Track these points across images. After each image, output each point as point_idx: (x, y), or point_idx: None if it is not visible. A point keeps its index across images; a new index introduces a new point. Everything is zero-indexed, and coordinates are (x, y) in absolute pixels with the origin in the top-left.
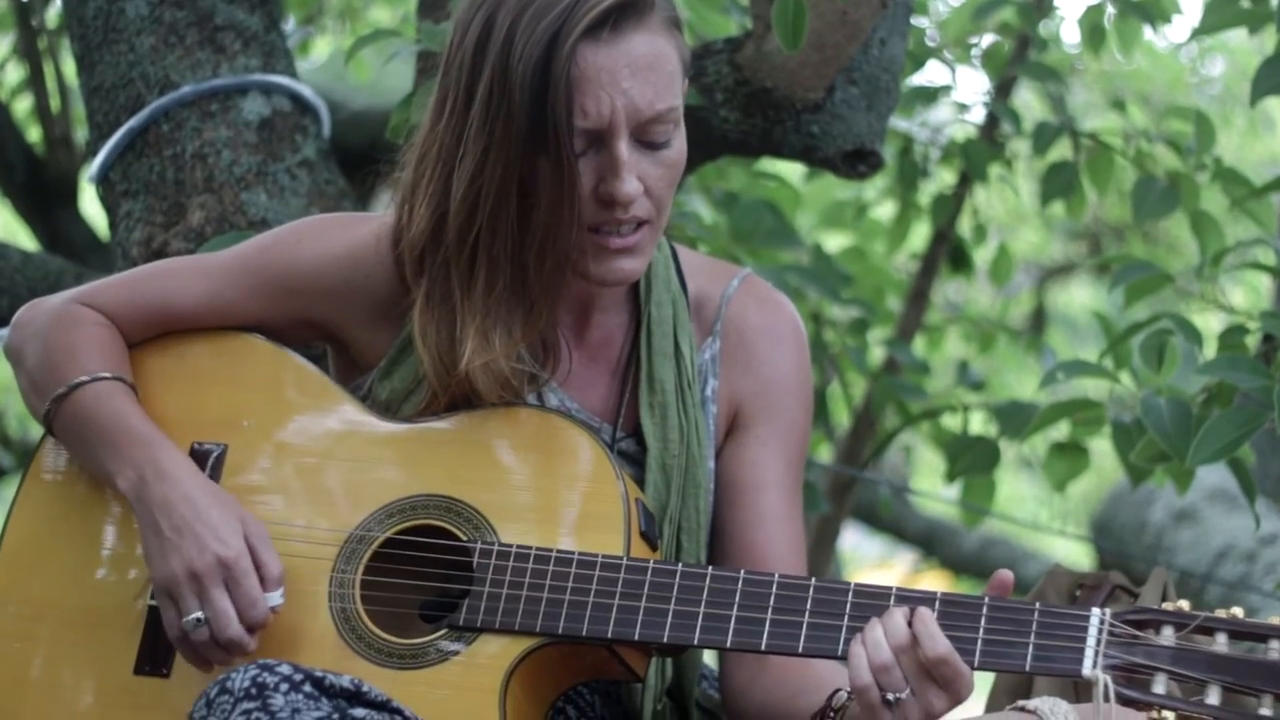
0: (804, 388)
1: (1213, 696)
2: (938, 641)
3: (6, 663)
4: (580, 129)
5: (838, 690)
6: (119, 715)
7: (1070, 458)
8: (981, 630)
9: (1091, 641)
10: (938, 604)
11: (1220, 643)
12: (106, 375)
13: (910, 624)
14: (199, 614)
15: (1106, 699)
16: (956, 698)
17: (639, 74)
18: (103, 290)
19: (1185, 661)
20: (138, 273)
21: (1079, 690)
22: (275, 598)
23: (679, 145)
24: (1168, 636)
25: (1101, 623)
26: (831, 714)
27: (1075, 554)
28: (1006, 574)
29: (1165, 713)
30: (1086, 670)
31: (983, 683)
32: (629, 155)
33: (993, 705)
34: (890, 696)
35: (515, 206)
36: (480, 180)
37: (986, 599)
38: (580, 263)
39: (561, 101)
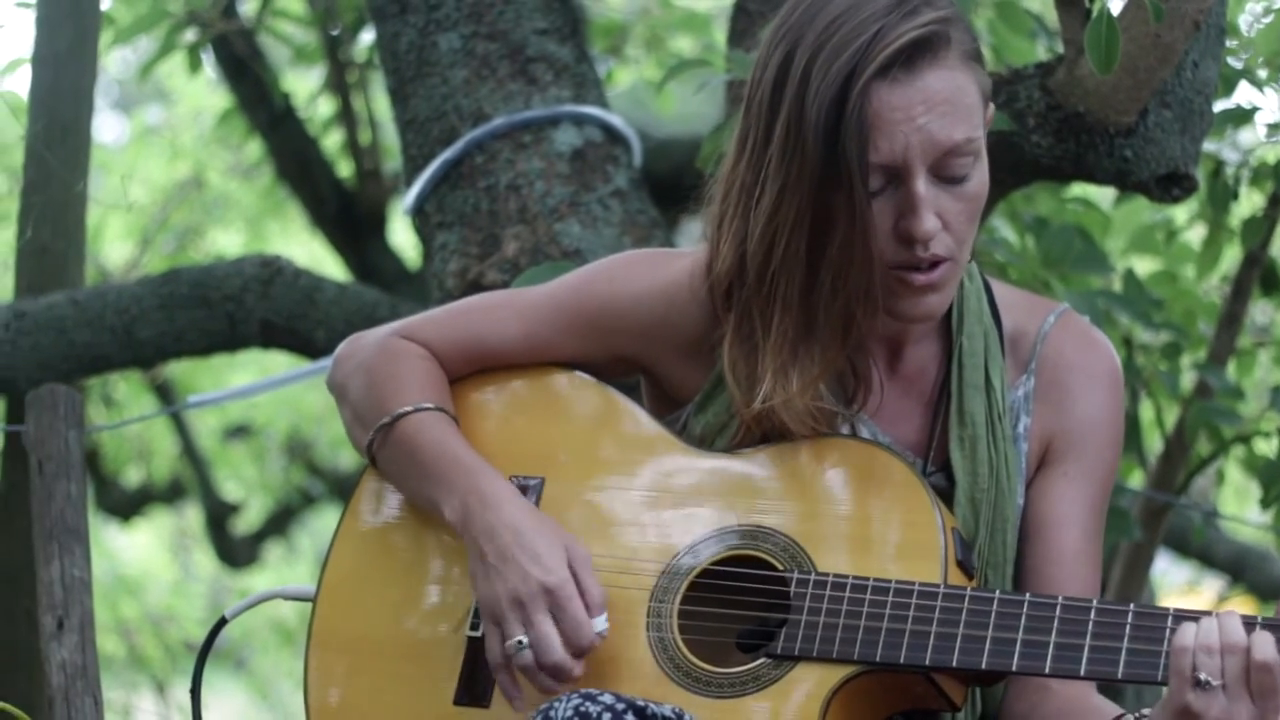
0: (1115, 429)
1: None
2: (1269, 650)
3: (329, 697)
4: (875, 165)
5: (1124, 714)
6: None
7: None
8: None
9: None
10: (1259, 625)
11: None
12: (430, 405)
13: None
14: (522, 637)
15: None
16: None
17: (934, 109)
18: (422, 325)
19: None
20: (454, 308)
21: None
22: (600, 623)
23: (979, 178)
24: None
25: None
26: None
27: None
28: None
29: None
30: None
31: None
32: (926, 191)
33: None
34: (1202, 676)
35: (807, 247)
36: (776, 220)
37: None
38: (884, 300)
39: (854, 140)
